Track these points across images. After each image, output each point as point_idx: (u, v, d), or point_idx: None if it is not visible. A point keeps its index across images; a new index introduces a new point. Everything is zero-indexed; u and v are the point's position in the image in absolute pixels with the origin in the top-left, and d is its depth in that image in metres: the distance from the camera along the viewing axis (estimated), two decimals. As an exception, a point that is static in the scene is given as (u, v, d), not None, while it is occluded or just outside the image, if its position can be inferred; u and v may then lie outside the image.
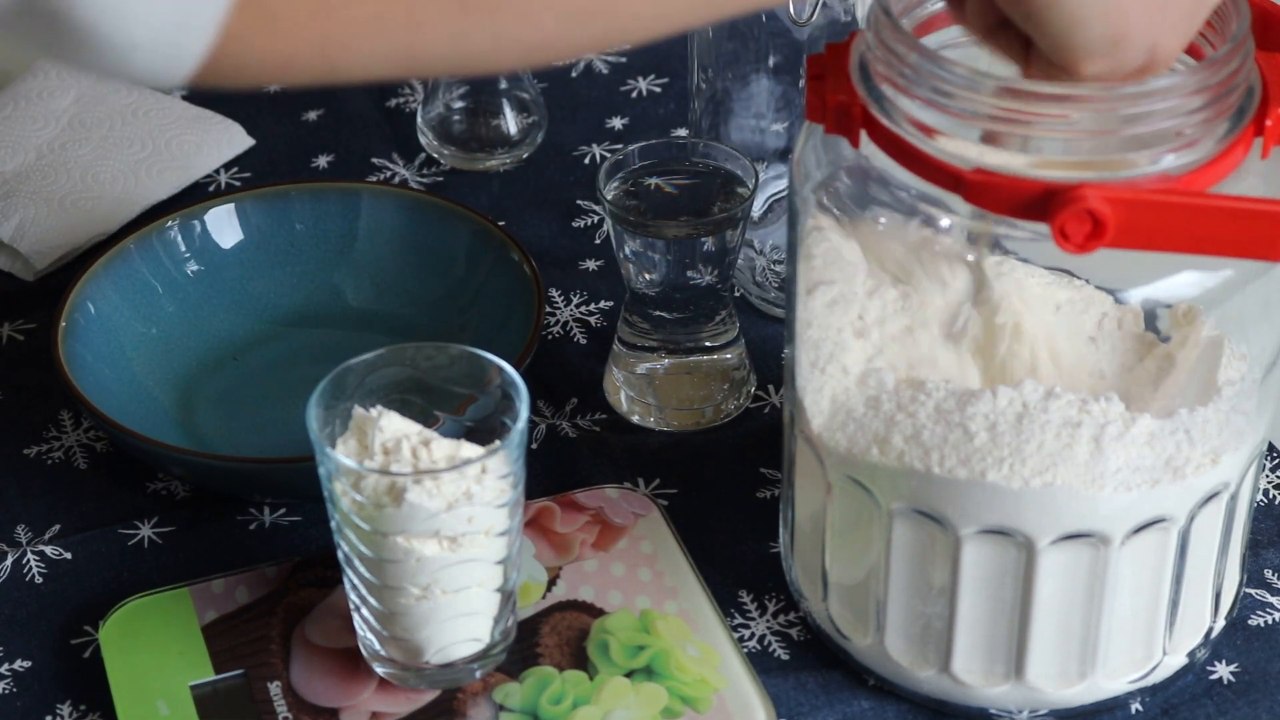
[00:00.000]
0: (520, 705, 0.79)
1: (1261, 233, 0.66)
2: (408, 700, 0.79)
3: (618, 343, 0.94)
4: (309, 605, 0.83)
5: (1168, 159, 0.68)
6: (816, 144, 0.74)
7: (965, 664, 0.77)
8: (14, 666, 0.83)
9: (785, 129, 0.98)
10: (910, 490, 0.74)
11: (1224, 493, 0.75)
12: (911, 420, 0.73)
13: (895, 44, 0.69)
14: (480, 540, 0.75)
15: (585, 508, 0.87)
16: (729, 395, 0.94)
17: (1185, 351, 0.75)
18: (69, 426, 0.95)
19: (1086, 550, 0.74)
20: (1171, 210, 0.66)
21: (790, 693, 0.81)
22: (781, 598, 0.85)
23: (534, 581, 0.84)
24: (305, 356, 0.97)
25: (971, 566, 0.75)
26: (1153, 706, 0.80)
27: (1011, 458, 0.71)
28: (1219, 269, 0.70)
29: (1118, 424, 0.71)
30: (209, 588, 0.84)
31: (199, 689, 0.80)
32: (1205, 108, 0.67)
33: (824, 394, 0.76)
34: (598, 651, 0.81)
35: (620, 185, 0.90)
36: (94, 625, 0.84)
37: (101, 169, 1.08)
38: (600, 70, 1.18)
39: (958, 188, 0.68)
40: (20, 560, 0.88)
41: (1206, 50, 0.72)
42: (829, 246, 0.75)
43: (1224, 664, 0.82)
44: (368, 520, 0.74)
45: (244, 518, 0.90)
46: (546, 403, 0.95)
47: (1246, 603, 0.85)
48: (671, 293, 0.91)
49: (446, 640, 0.78)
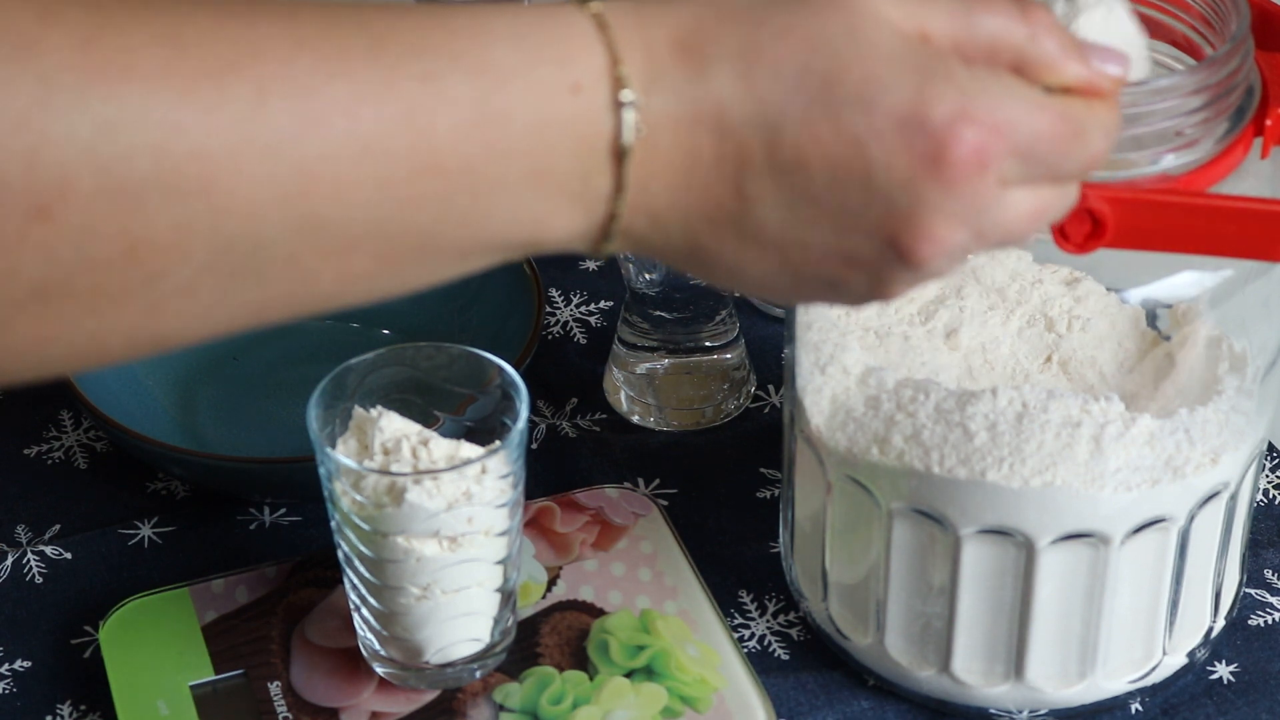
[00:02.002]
0: (520, 705, 0.79)
1: (1261, 233, 0.66)
2: (408, 700, 0.79)
3: (618, 343, 0.94)
4: (309, 605, 0.83)
5: (1167, 159, 0.68)
6: (816, 144, 0.74)
7: (965, 664, 0.77)
8: (14, 666, 0.83)
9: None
10: (910, 490, 0.74)
11: (1224, 493, 0.75)
12: (911, 420, 0.73)
13: (895, 44, 0.69)
14: (480, 540, 0.75)
15: (585, 508, 0.87)
16: (729, 395, 0.94)
17: (1185, 351, 0.75)
18: (69, 426, 0.95)
19: (1086, 550, 0.74)
20: (1171, 210, 0.66)
21: (790, 693, 0.81)
22: (781, 598, 0.85)
23: (534, 581, 0.84)
24: (305, 356, 0.97)
25: (971, 566, 0.75)
26: (1153, 706, 0.80)
27: (1011, 457, 0.71)
28: (1219, 269, 0.70)
29: (1118, 424, 0.71)
30: (209, 588, 0.84)
31: (199, 689, 0.80)
32: (1205, 107, 0.67)
33: (824, 394, 0.76)
34: (598, 651, 0.81)
35: (620, 185, 0.90)
36: (94, 625, 0.84)
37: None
38: (600, 70, 1.18)
39: (958, 188, 0.68)
40: (20, 560, 0.88)
41: (1206, 50, 0.72)
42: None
43: (1224, 664, 0.82)
44: (368, 520, 0.74)
45: (244, 518, 0.90)
46: (546, 403, 0.95)
47: (1246, 603, 0.85)
48: (671, 293, 0.91)
49: (446, 640, 0.78)
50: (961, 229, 0.58)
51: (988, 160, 0.57)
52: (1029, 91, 0.58)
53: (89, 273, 0.51)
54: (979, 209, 0.57)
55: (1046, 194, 0.60)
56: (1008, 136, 0.57)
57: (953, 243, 0.58)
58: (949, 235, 0.57)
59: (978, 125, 0.56)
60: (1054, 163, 0.58)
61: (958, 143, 0.56)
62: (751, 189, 0.57)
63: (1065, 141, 0.58)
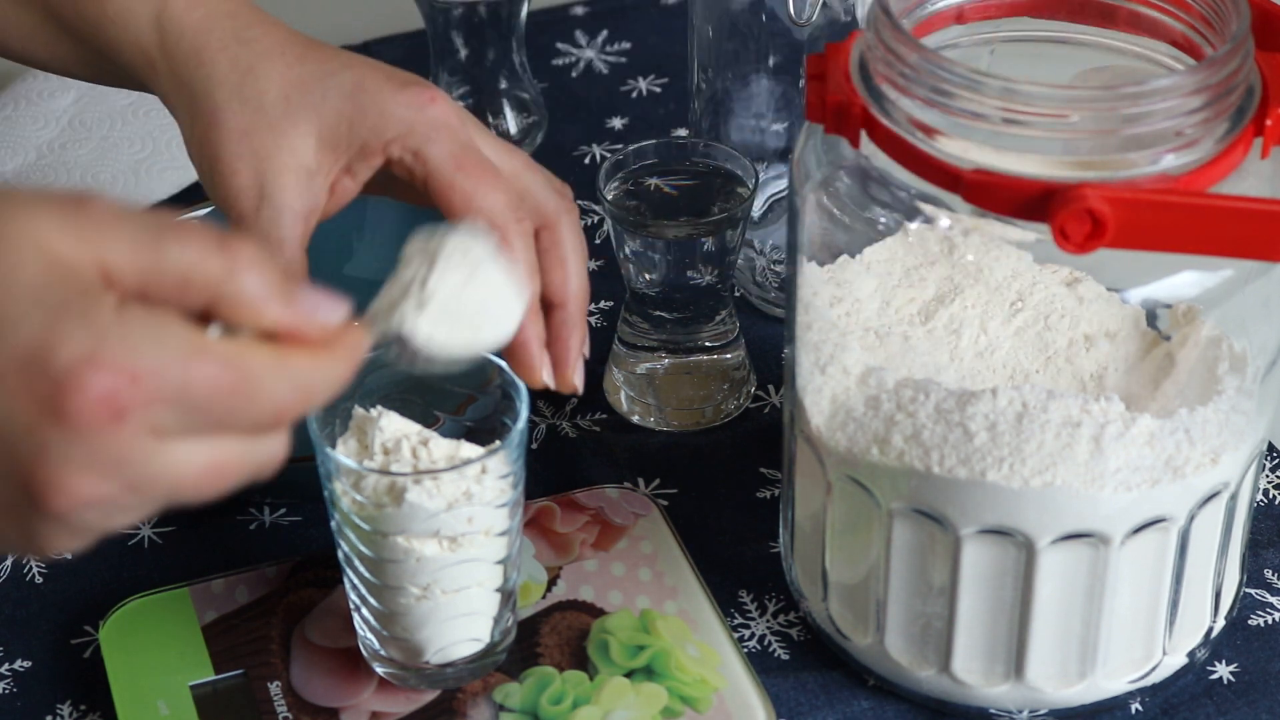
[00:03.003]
0: (520, 705, 0.79)
1: (1261, 233, 0.66)
2: (408, 700, 0.79)
3: (618, 343, 0.94)
4: (309, 605, 0.83)
5: (1167, 159, 0.68)
6: (816, 144, 0.74)
7: (965, 664, 0.77)
8: (14, 666, 0.83)
9: (785, 129, 0.98)
10: (910, 490, 0.74)
11: (1224, 492, 0.75)
12: (911, 420, 0.73)
13: (895, 44, 0.69)
14: (480, 540, 0.75)
15: (585, 508, 0.87)
16: (729, 395, 0.94)
17: (1185, 351, 0.75)
18: (69, 426, 0.95)
19: (1086, 550, 0.74)
20: (1171, 210, 0.66)
21: (790, 693, 0.81)
22: (781, 598, 0.85)
23: (534, 581, 0.84)
24: (305, 356, 0.96)
25: (971, 566, 0.75)
26: (1152, 706, 0.80)
27: (1011, 457, 0.72)
28: (1219, 269, 0.70)
29: (1118, 424, 0.71)
30: (209, 588, 0.84)
31: (199, 689, 0.80)
32: (1205, 108, 0.67)
33: (824, 394, 0.76)
34: (598, 651, 0.81)
35: (620, 185, 0.90)
36: (94, 625, 0.84)
37: (101, 169, 1.08)
38: (600, 70, 1.18)
39: (957, 188, 0.68)
40: (20, 560, 0.88)
41: (1206, 50, 0.72)
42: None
43: (1224, 664, 0.82)
44: (368, 520, 0.74)
45: (244, 518, 0.90)
46: (546, 403, 0.95)
47: (1246, 603, 0.85)
48: (671, 293, 0.91)
49: (446, 640, 0.78)
50: (102, 481, 0.54)
51: (123, 408, 0.53)
52: (191, 337, 0.55)
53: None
54: (121, 460, 0.54)
55: (228, 446, 0.56)
56: (149, 385, 0.53)
57: (93, 494, 0.54)
58: (84, 487, 0.54)
59: (106, 370, 0.52)
60: (220, 415, 0.55)
61: (79, 388, 0.52)
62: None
63: (228, 393, 0.55)
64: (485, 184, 0.77)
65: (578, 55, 1.19)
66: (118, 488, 0.55)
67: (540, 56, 1.18)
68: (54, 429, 0.53)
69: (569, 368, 0.80)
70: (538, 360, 0.78)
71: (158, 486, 0.55)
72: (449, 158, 0.77)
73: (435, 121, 0.78)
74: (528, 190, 0.80)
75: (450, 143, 0.78)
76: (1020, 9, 0.76)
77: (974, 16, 0.75)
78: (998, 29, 0.76)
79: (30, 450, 0.53)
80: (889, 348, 0.76)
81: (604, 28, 1.21)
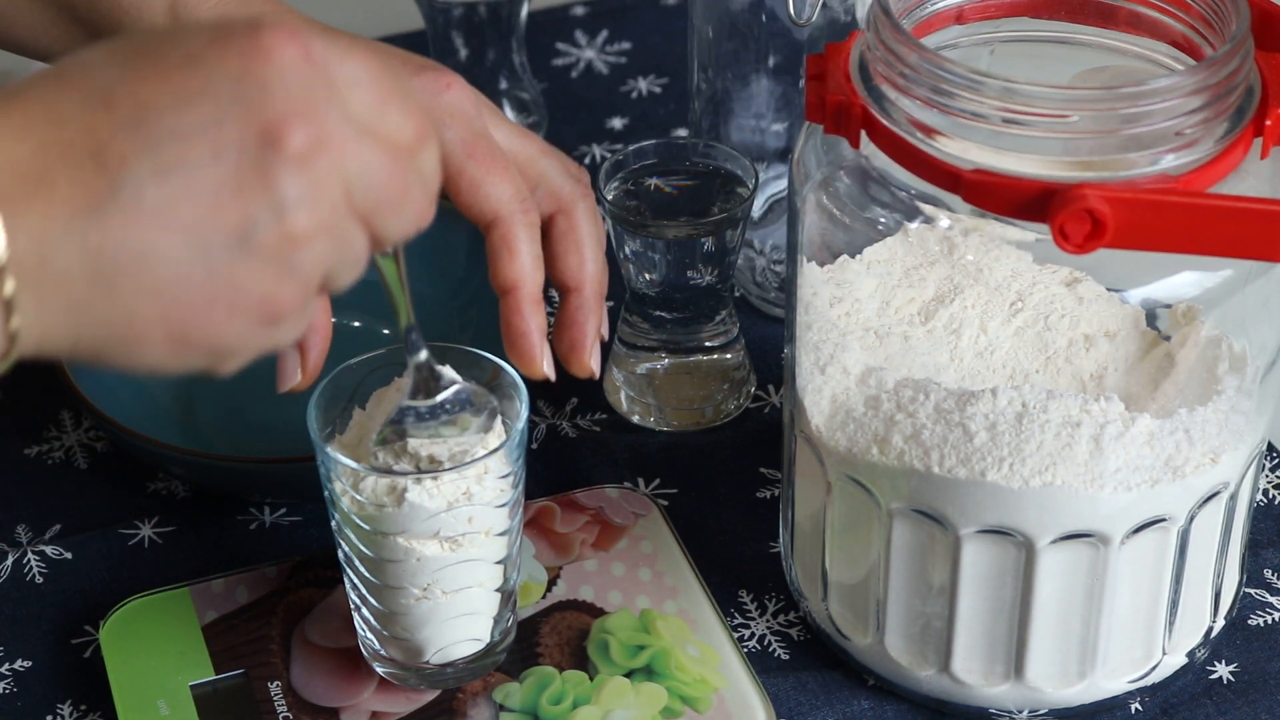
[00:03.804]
0: (520, 705, 0.79)
1: (1261, 233, 0.66)
2: (408, 700, 0.79)
3: (618, 343, 0.94)
4: (309, 605, 0.83)
5: (1167, 159, 0.68)
6: (816, 144, 0.75)
7: (965, 664, 0.77)
8: (14, 666, 0.83)
9: (785, 129, 0.98)
10: (910, 490, 0.74)
11: (1223, 492, 0.75)
12: (911, 420, 0.73)
13: (895, 44, 0.69)
14: (480, 540, 0.75)
15: (585, 508, 0.87)
16: (729, 395, 0.94)
17: (1185, 351, 0.75)
18: (69, 426, 0.95)
19: (1086, 550, 0.74)
20: (1171, 210, 0.66)
21: (790, 693, 0.81)
22: (781, 598, 0.85)
23: (534, 581, 0.84)
24: (305, 356, 0.96)
25: (971, 566, 0.75)
26: (1152, 706, 0.80)
27: (1011, 457, 0.72)
28: (1219, 269, 0.71)
29: (1117, 424, 0.71)
30: (209, 588, 0.84)
31: (199, 689, 0.80)
32: (1205, 108, 0.67)
33: (824, 394, 0.76)
34: (598, 651, 0.81)
35: (620, 185, 0.90)
36: (94, 625, 0.84)
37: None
38: (600, 70, 1.18)
39: (957, 188, 0.68)
40: (20, 560, 0.88)
41: (1206, 50, 0.72)
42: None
43: (1223, 664, 0.82)
44: (368, 520, 0.74)
45: (244, 518, 0.90)
46: (546, 403, 0.95)
47: (1246, 602, 0.85)
48: (671, 293, 0.91)
49: (446, 640, 0.78)
50: (326, 114, 0.58)
51: (308, 51, 0.58)
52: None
53: None
54: (331, 100, 0.59)
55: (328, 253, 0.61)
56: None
57: (317, 130, 0.58)
58: (312, 120, 0.58)
59: (296, 38, 0.58)
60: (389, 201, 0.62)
61: (268, 31, 0.58)
62: (110, 155, 0.56)
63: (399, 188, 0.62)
64: (494, 173, 0.77)
65: (578, 55, 1.19)
66: (334, 119, 0.59)
67: (540, 56, 1.18)
68: (260, 64, 0.58)
69: (585, 352, 0.80)
70: (538, 351, 0.78)
71: (365, 151, 0.60)
72: (460, 144, 0.77)
73: (450, 107, 0.78)
74: (543, 175, 0.80)
75: (463, 129, 0.78)
76: (1020, 9, 0.76)
77: (974, 16, 0.76)
78: (997, 29, 0.76)
79: (256, 91, 0.58)
80: (889, 348, 0.76)
81: (604, 28, 1.21)
